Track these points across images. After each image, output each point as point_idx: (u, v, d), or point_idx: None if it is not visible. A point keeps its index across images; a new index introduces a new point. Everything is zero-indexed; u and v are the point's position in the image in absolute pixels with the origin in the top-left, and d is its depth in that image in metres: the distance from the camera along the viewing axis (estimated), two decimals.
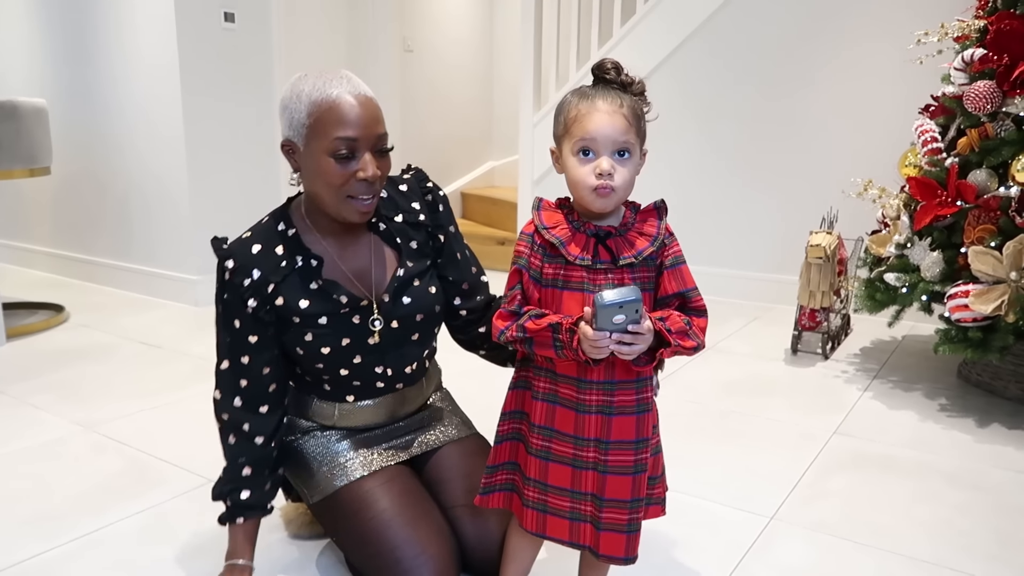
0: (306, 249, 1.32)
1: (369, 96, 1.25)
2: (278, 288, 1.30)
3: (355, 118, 1.21)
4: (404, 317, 1.38)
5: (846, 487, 1.81)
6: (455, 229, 1.46)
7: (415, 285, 1.39)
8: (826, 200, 3.22)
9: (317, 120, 1.21)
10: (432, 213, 1.43)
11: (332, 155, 1.22)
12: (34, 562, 1.51)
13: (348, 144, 1.22)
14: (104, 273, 4.01)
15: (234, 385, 1.33)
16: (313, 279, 1.31)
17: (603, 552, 1.16)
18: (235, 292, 1.29)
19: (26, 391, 2.47)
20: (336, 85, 1.23)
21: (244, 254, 1.29)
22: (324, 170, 1.23)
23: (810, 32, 3.28)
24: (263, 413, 1.35)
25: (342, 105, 1.21)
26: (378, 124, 1.25)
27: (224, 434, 1.36)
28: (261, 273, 1.29)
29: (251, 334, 1.31)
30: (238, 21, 3.59)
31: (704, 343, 1.14)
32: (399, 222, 1.39)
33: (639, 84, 1.13)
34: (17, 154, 3.05)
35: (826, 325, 2.76)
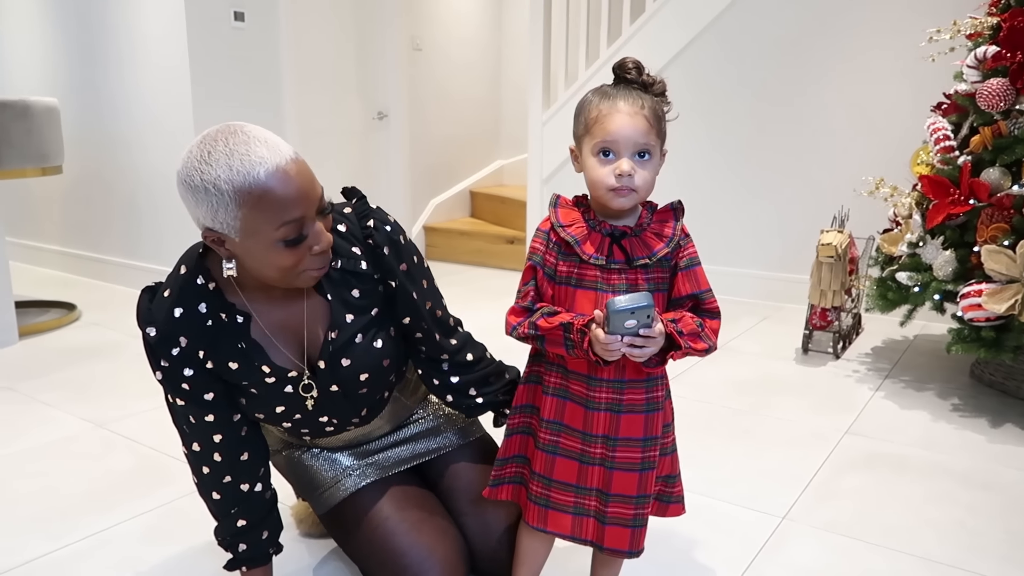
0: (230, 305, 1.18)
1: (294, 156, 1.06)
2: (207, 354, 1.18)
3: (295, 194, 1.04)
4: (345, 379, 1.25)
5: (858, 487, 1.80)
6: (408, 267, 1.26)
7: (356, 343, 1.23)
8: (837, 199, 3.20)
9: (252, 213, 1.02)
10: (375, 260, 1.23)
11: (282, 242, 1.06)
12: (44, 561, 1.52)
13: (296, 226, 1.05)
14: (114, 271, 4.03)
15: (208, 440, 1.22)
16: (240, 338, 1.18)
17: (607, 545, 1.17)
18: (168, 362, 1.17)
19: (37, 388, 2.48)
20: (257, 163, 1.01)
21: (166, 320, 1.15)
22: (274, 261, 1.07)
23: (821, 29, 3.26)
24: (244, 460, 1.25)
25: (276, 188, 1.02)
26: (315, 185, 1.08)
27: (207, 491, 1.26)
28: (188, 340, 1.16)
29: (205, 393, 1.19)
30: (248, 20, 3.59)
31: (716, 345, 1.13)
32: (337, 269, 1.21)
33: (660, 84, 1.13)
34: (29, 153, 3.07)
35: (837, 324, 2.75)
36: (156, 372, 1.19)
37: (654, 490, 1.20)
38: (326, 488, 1.37)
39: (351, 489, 1.35)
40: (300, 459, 1.41)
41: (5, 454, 2.00)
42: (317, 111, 4.16)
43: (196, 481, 1.27)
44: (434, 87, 4.95)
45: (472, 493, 1.38)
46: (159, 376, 1.19)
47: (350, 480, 1.36)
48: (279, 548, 1.32)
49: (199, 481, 1.26)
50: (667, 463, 1.22)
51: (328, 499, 1.36)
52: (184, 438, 1.24)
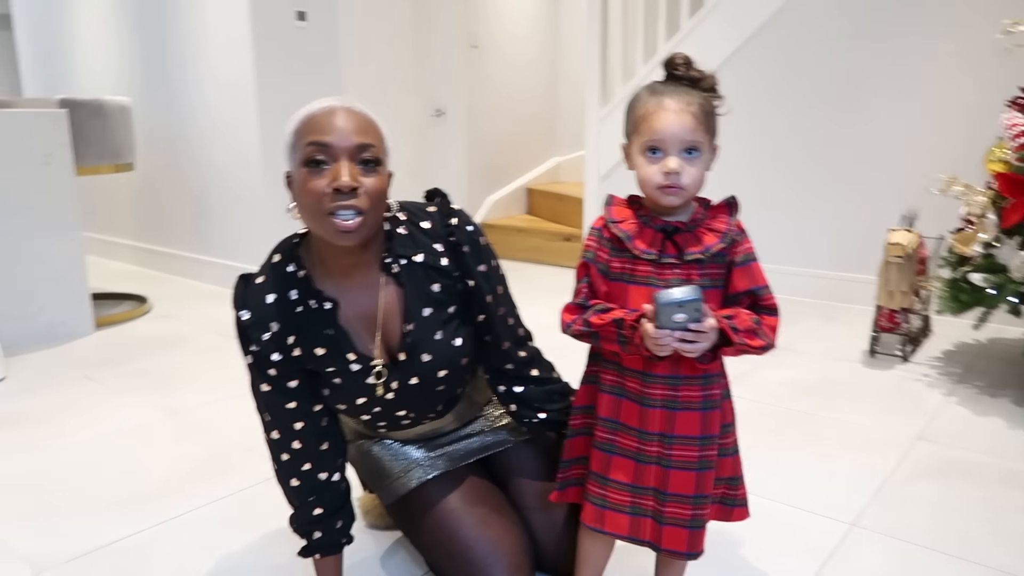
0: (318, 292, 1.22)
1: (357, 109, 1.15)
2: (296, 340, 1.22)
3: (329, 124, 1.11)
4: (425, 374, 1.27)
5: (930, 494, 1.75)
6: (487, 269, 1.29)
7: (437, 339, 1.26)
8: (906, 196, 3.11)
9: (296, 135, 1.14)
10: (456, 257, 1.27)
11: (305, 164, 1.11)
12: (122, 544, 1.58)
13: (320, 149, 1.10)
14: (183, 265, 4.16)
15: (289, 428, 1.25)
16: (327, 324, 1.22)
17: (665, 546, 1.16)
18: (258, 346, 1.21)
19: (113, 377, 2.58)
20: (322, 103, 1.15)
21: (260, 305, 1.20)
22: (299, 185, 1.13)
23: (884, 24, 3.16)
24: (324, 450, 1.28)
25: (318, 114, 1.13)
26: (360, 134, 1.12)
27: (285, 478, 1.29)
28: (280, 325, 1.20)
29: (290, 380, 1.23)
30: (309, 19, 3.66)
31: (774, 343, 1.11)
32: (419, 263, 1.25)
33: (710, 79, 1.12)
34: (103, 151, 3.19)
35: (905, 326, 2.67)
36: (246, 356, 1.23)
37: (715, 492, 1.19)
38: (395, 478, 1.40)
39: (419, 480, 1.37)
40: (371, 450, 1.44)
41: (85, 439, 2.09)
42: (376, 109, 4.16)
43: (276, 467, 1.30)
44: (491, 84, 4.98)
45: (537, 488, 1.39)
46: (248, 360, 1.23)
47: (419, 471, 1.38)
48: (351, 538, 1.35)
49: (278, 468, 1.29)
50: (728, 464, 1.21)
51: (396, 489, 1.39)
52: (266, 425, 1.28)
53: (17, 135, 2.82)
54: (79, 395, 2.43)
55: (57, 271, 2.98)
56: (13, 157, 2.82)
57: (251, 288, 1.23)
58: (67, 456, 1.99)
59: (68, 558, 1.52)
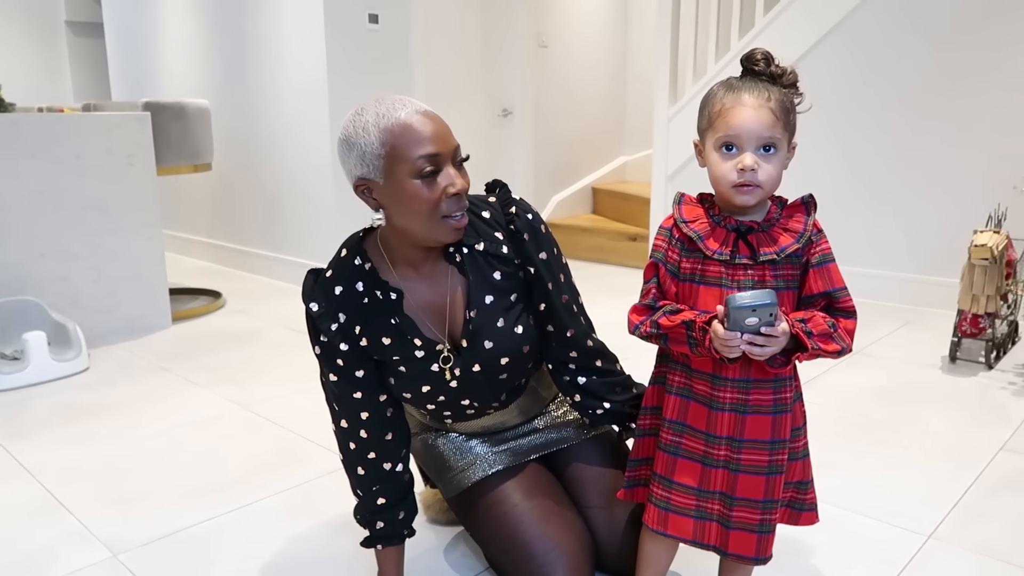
0: (384, 283, 1.26)
1: (434, 111, 1.19)
2: (363, 330, 1.25)
3: (432, 133, 1.14)
4: (487, 361, 1.29)
5: (1015, 508, 1.66)
6: (548, 256, 1.31)
7: (499, 326, 1.28)
8: (994, 196, 2.97)
9: (393, 147, 1.14)
10: (516, 245, 1.30)
11: (418, 176, 1.14)
12: (197, 529, 1.63)
13: (432, 161, 1.14)
14: (256, 262, 4.28)
15: (356, 417, 1.28)
16: (393, 314, 1.26)
17: (732, 551, 1.13)
18: (326, 336, 1.24)
19: (188, 369, 2.68)
20: (400, 107, 1.15)
21: (328, 297, 1.24)
22: (412, 195, 1.15)
23: (969, 16, 3.02)
24: (388, 440, 1.31)
25: (415, 124, 1.14)
26: (452, 136, 1.18)
27: (352, 466, 1.31)
28: (346, 316, 1.24)
29: (357, 369, 1.26)
30: (381, 21, 3.72)
31: (850, 347, 1.08)
32: (481, 251, 1.28)
33: (791, 75, 1.08)
34: (183, 151, 3.31)
35: (991, 332, 2.54)
36: (315, 347, 1.27)
37: (784, 496, 1.15)
38: (458, 472, 1.40)
39: (482, 474, 1.38)
40: (435, 443, 1.46)
41: (163, 428, 2.17)
42: (445, 108, 4.23)
43: (342, 456, 1.33)
44: (559, 84, 4.96)
45: (600, 486, 1.38)
46: (317, 350, 1.27)
47: (482, 465, 1.39)
48: (412, 531, 1.36)
49: (345, 456, 1.32)
50: (798, 468, 1.17)
51: (459, 482, 1.40)
52: (334, 414, 1.31)
53: (103, 137, 2.95)
54: (156, 386, 2.53)
55: (137, 267, 3.11)
56: (100, 158, 2.95)
57: (320, 281, 1.27)
58: (144, 445, 2.07)
59: (144, 542, 1.58)
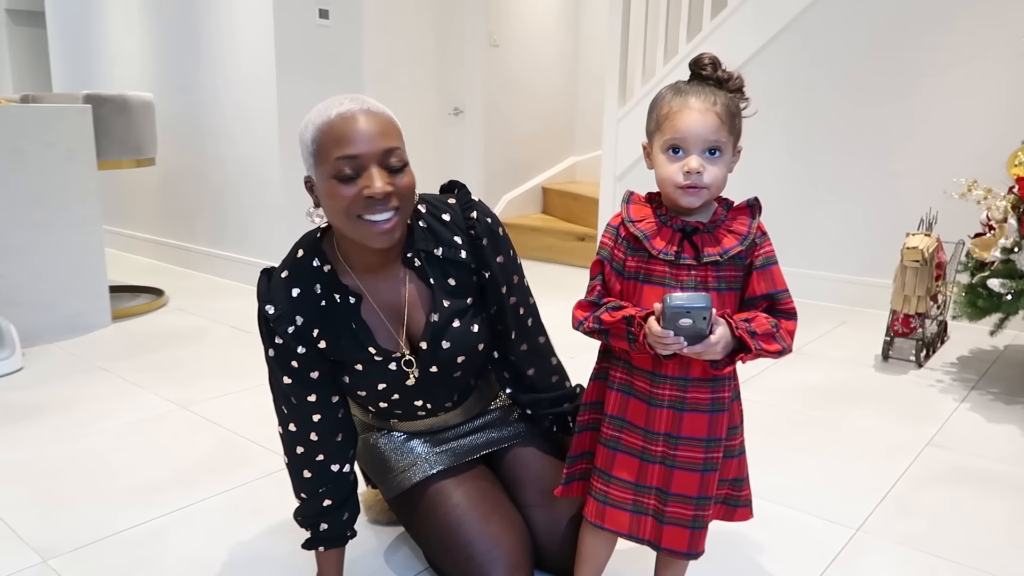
0: (343, 286, 1.26)
1: (376, 111, 1.15)
2: (321, 333, 1.25)
3: (355, 134, 1.11)
4: (443, 360, 1.31)
5: (940, 501, 1.73)
6: (504, 260, 1.32)
7: (454, 326, 1.30)
8: (925, 201, 3.08)
9: (320, 144, 1.13)
10: (475, 249, 1.30)
11: (336, 177, 1.12)
12: (134, 532, 1.60)
13: (350, 163, 1.11)
14: (201, 260, 4.20)
15: (307, 420, 1.27)
16: (351, 318, 1.26)
17: (665, 545, 1.16)
18: (282, 338, 1.24)
19: (128, 369, 2.62)
20: (336, 106, 1.13)
21: (285, 299, 1.23)
22: (330, 195, 1.14)
23: (909, 27, 3.13)
24: (338, 442, 1.31)
25: (340, 123, 1.12)
26: (385, 138, 1.13)
27: (298, 469, 1.30)
28: (304, 319, 1.23)
29: (311, 371, 1.26)
30: (332, 17, 3.69)
31: (791, 347, 1.11)
32: (439, 256, 1.29)
33: (737, 80, 1.11)
34: (126, 146, 3.23)
35: (921, 331, 2.64)
36: (269, 349, 1.26)
37: (719, 493, 1.18)
38: (398, 473, 1.40)
39: (423, 475, 1.38)
40: (376, 443, 1.45)
41: (101, 429, 2.12)
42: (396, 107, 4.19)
43: (288, 460, 1.32)
44: (510, 83, 4.98)
45: (540, 484, 1.40)
46: (271, 353, 1.26)
47: (422, 466, 1.39)
48: (355, 532, 1.36)
49: (291, 460, 1.31)
50: (734, 466, 1.20)
51: (399, 483, 1.40)
52: (282, 418, 1.30)
53: (42, 129, 2.86)
54: (94, 387, 2.46)
55: (76, 263, 3.02)
56: (38, 151, 2.86)
57: (275, 282, 1.25)
58: (80, 446, 2.02)
59: (77, 546, 1.54)
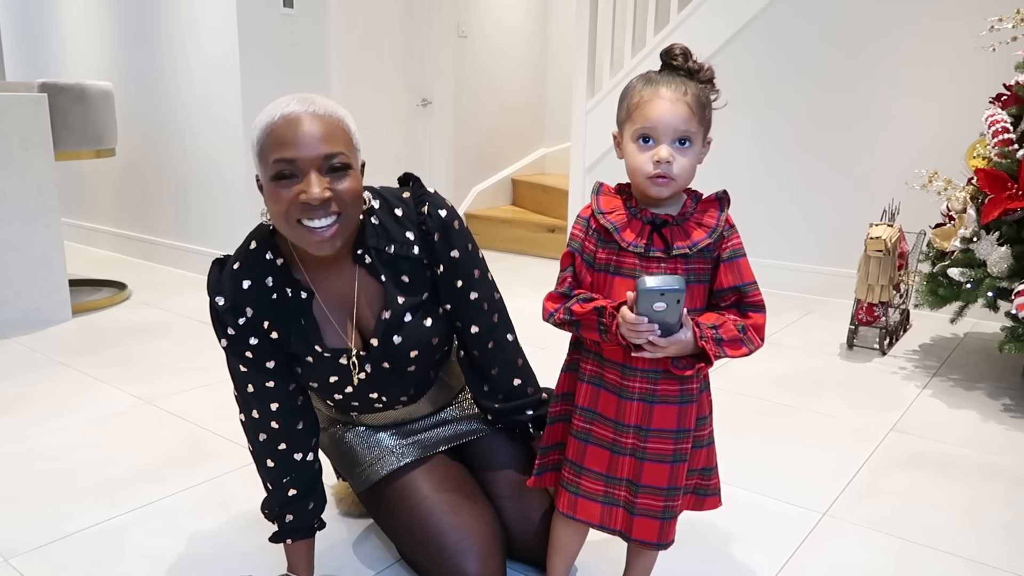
0: (295, 281, 1.24)
1: (322, 113, 1.11)
2: (271, 325, 1.23)
3: (293, 137, 1.08)
4: (395, 356, 1.29)
5: (903, 485, 1.76)
6: (460, 254, 1.28)
7: (406, 321, 1.27)
8: (888, 192, 3.13)
9: (262, 145, 1.11)
10: (427, 245, 1.27)
11: (274, 179, 1.10)
12: (98, 528, 1.57)
13: (287, 166, 1.09)
14: (163, 252, 4.13)
15: (266, 408, 1.26)
16: (301, 314, 1.24)
17: (635, 536, 1.16)
18: (234, 330, 1.22)
19: (90, 364, 2.56)
20: (282, 107, 1.11)
21: (235, 291, 1.21)
22: (270, 196, 1.12)
23: (872, 19, 3.17)
24: (299, 429, 1.30)
25: (283, 125, 1.09)
26: (327, 142, 1.10)
27: (261, 458, 1.29)
28: (254, 311, 1.21)
29: (267, 361, 1.24)
30: (296, 6, 3.63)
31: (760, 345, 1.11)
32: (390, 253, 1.25)
33: (707, 71, 1.11)
34: (85, 136, 3.15)
35: (884, 320, 2.69)
36: (221, 339, 1.24)
37: (688, 483, 1.19)
38: (366, 466, 1.39)
39: (391, 467, 1.37)
40: (343, 437, 1.44)
41: (62, 426, 2.07)
42: (363, 98, 4.19)
43: (251, 448, 1.31)
44: (479, 74, 4.96)
45: (510, 476, 1.39)
46: (224, 343, 1.24)
47: (390, 459, 1.38)
48: (323, 523, 1.35)
49: (254, 448, 1.30)
50: (703, 456, 1.21)
51: (368, 476, 1.39)
52: (242, 405, 1.29)
53: None
54: (54, 382, 2.41)
55: (34, 257, 2.95)
56: None
57: (226, 273, 1.23)
58: (41, 442, 1.97)
59: (39, 544, 1.51)
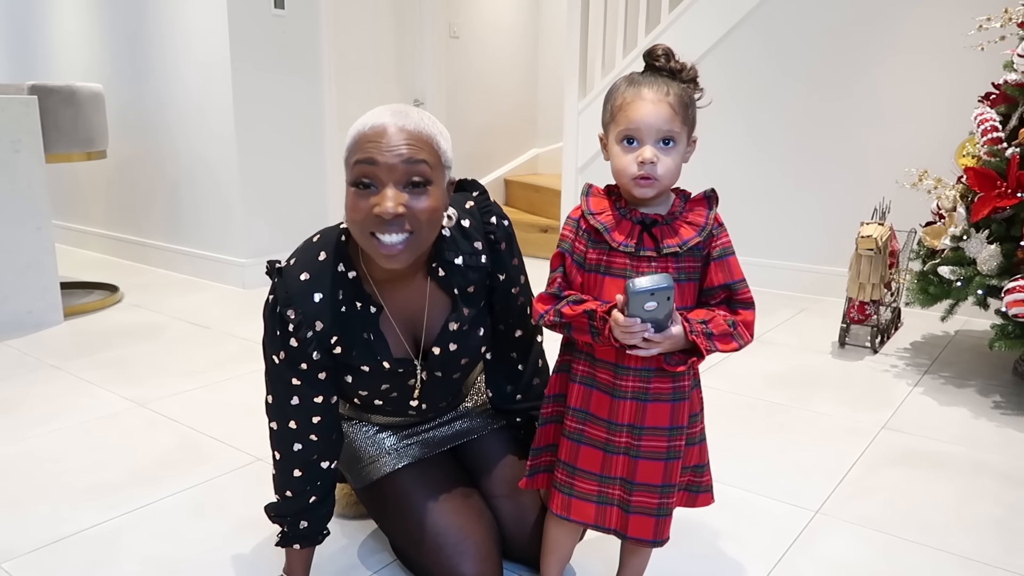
0: (366, 296, 1.23)
1: (412, 128, 1.09)
2: (339, 339, 1.22)
3: (380, 144, 1.07)
4: (448, 364, 1.31)
5: (894, 483, 1.78)
6: (518, 261, 1.34)
7: (464, 330, 1.29)
8: (879, 190, 3.15)
9: (349, 151, 1.11)
10: (494, 254, 1.29)
11: (353, 184, 1.10)
12: (93, 532, 1.57)
13: (367, 170, 1.08)
14: (156, 255, 4.11)
15: (307, 422, 1.24)
16: (368, 328, 1.24)
17: (631, 534, 1.17)
18: (298, 343, 1.20)
19: (83, 368, 2.55)
20: (379, 116, 1.09)
21: (306, 303, 1.19)
22: (349, 204, 1.11)
23: (864, 18, 3.19)
24: (334, 440, 1.29)
25: (371, 131, 1.08)
26: (408, 156, 1.07)
27: (289, 467, 1.26)
28: (324, 326, 1.20)
29: (320, 372, 1.23)
30: (288, 7, 3.63)
31: (750, 340, 1.12)
32: (459, 265, 1.26)
33: (690, 71, 1.12)
34: (75, 138, 3.14)
35: (876, 318, 2.71)
36: (280, 352, 1.21)
37: (681, 480, 1.20)
38: (367, 464, 1.40)
39: (391, 467, 1.38)
40: (346, 433, 1.44)
41: (55, 429, 2.06)
42: (355, 98, 4.18)
43: (279, 456, 1.26)
44: (470, 75, 4.96)
45: (507, 475, 1.40)
46: (282, 355, 1.21)
47: (390, 458, 1.39)
48: (328, 531, 1.33)
49: (284, 456, 1.26)
50: (695, 453, 1.22)
51: (368, 474, 1.39)
52: (279, 416, 1.25)
53: None
54: (46, 385, 2.40)
55: (25, 259, 2.94)
56: None
57: (294, 284, 1.20)
58: (34, 446, 1.97)
59: (33, 548, 1.50)
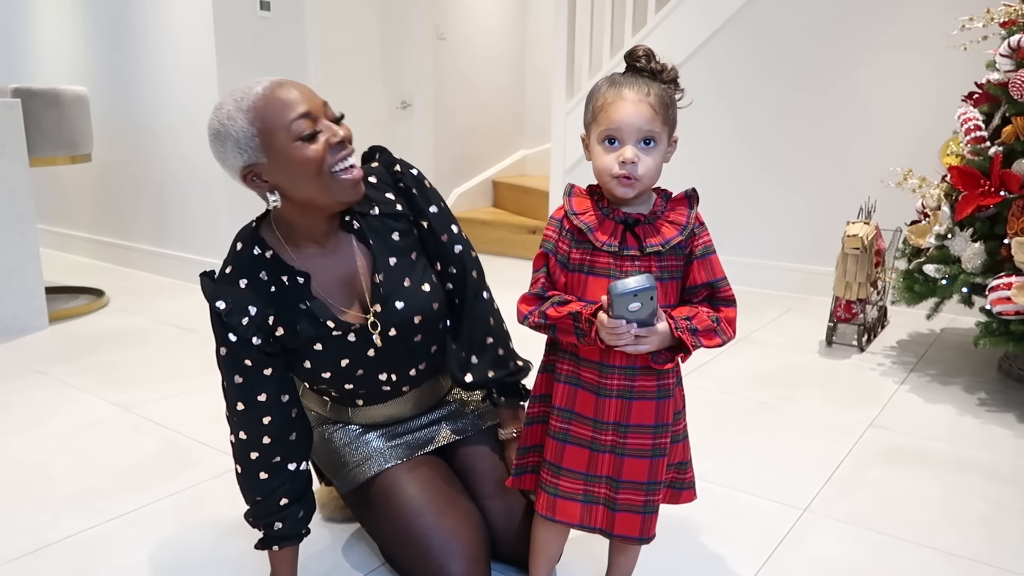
0: (289, 267, 1.24)
1: (291, 79, 1.19)
2: (276, 319, 1.23)
3: (297, 95, 1.14)
4: (401, 323, 1.30)
5: (881, 480, 1.78)
6: (438, 209, 1.34)
7: (405, 285, 1.30)
8: (864, 190, 3.17)
9: (264, 121, 1.13)
10: (408, 200, 1.33)
11: (298, 139, 1.14)
12: (78, 538, 1.55)
13: (307, 120, 1.14)
14: (141, 258, 4.09)
15: (257, 424, 1.24)
16: (303, 298, 1.24)
17: (618, 532, 1.17)
18: (237, 333, 1.21)
19: (68, 372, 2.53)
20: (255, 85, 1.15)
21: (233, 292, 1.21)
22: (298, 159, 1.14)
23: (848, 19, 3.21)
24: (293, 440, 1.28)
25: (277, 93, 1.14)
26: (317, 95, 1.18)
27: (253, 471, 1.26)
28: (257, 308, 1.21)
29: (265, 368, 1.23)
30: (273, 9, 3.62)
31: (733, 336, 1.13)
32: (375, 215, 1.30)
33: (671, 71, 1.12)
34: (59, 141, 3.12)
35: (862, 317, 2.72)
36: (221, 347, 1.23)
37: (666, 477, 1.20)
38: (352, 467, 1.39)
39: (377, 469, 1.37)
40: (331, 437, 1.44)
41: (40, 435, 2.05)
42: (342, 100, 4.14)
43: (240, 470, 1.27)
44: (458, 76, 4.96)
45: (495, 476, 1.40)
46: (223, 351, 1.23)
47: (376, 460, 1.38)
48: (309, 530, 1.33)
49: (245, 468, 1.27)
50: (679, 450, 1.22)
51: (355, 478, 1.39)
52: (233, 425, 1.26)
53: None
54: (31, 390, 2.38)
55: (9, 264, 2.91)
56: None
57: (220, 279, 1.24)
58: (18, 452, 1.95)
59: (16, 555, 1.49)
